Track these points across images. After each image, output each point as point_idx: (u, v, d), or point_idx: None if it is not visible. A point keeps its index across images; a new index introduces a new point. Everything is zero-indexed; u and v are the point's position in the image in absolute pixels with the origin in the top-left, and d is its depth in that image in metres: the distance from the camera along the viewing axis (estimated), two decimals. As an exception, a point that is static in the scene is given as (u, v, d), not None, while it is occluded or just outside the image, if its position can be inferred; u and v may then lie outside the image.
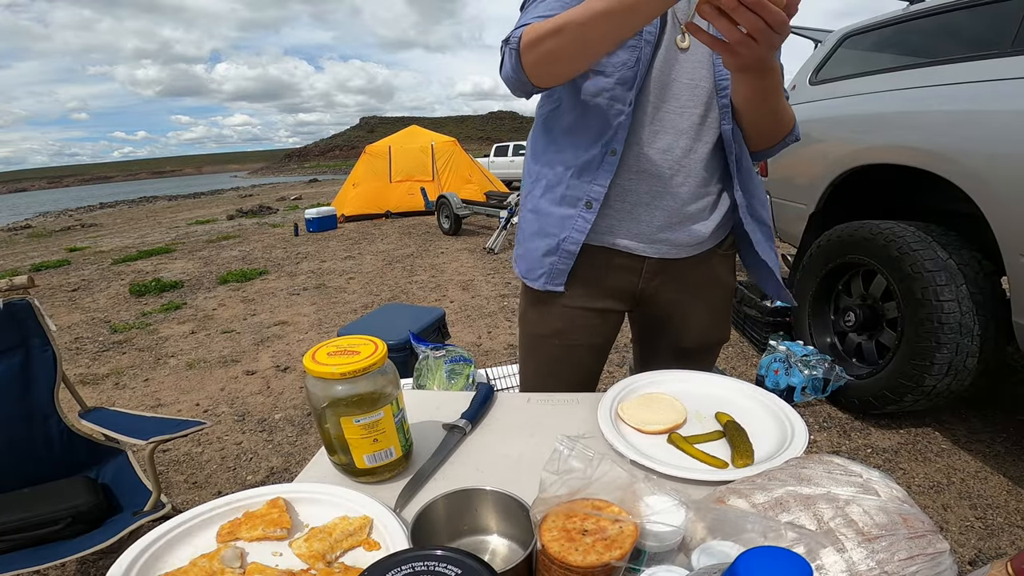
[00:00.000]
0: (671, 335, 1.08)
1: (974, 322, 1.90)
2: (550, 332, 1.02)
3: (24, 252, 8.81)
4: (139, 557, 0.57)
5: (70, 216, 18.35)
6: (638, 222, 0.95)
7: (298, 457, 2.33)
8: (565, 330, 1.02)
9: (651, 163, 0.92)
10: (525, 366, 1.13)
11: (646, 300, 1.04)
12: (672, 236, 0.96)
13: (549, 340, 1.03)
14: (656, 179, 0.93)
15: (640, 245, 0.96)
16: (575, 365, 1.07)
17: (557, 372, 1.06)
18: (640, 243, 0.96)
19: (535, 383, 1.10)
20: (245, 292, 5.01)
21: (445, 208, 7.35)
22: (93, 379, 3.25)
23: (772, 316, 2.96)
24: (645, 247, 0.97)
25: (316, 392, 0.68)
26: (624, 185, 0.94)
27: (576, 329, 1.03)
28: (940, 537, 0.51)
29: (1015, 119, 1.72)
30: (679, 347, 1.09)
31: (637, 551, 0.51)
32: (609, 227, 0.96)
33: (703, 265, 1.03)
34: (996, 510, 1.78)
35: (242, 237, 8.35)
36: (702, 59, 0.90)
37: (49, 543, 1.37)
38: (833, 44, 2.95)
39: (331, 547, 0.59)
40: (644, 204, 0.94)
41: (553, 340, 1.03)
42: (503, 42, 0.88)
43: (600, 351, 1.10)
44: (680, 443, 0.77)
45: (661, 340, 1.11)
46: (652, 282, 1.01)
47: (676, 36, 0.89)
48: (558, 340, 1.03)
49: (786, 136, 0.95)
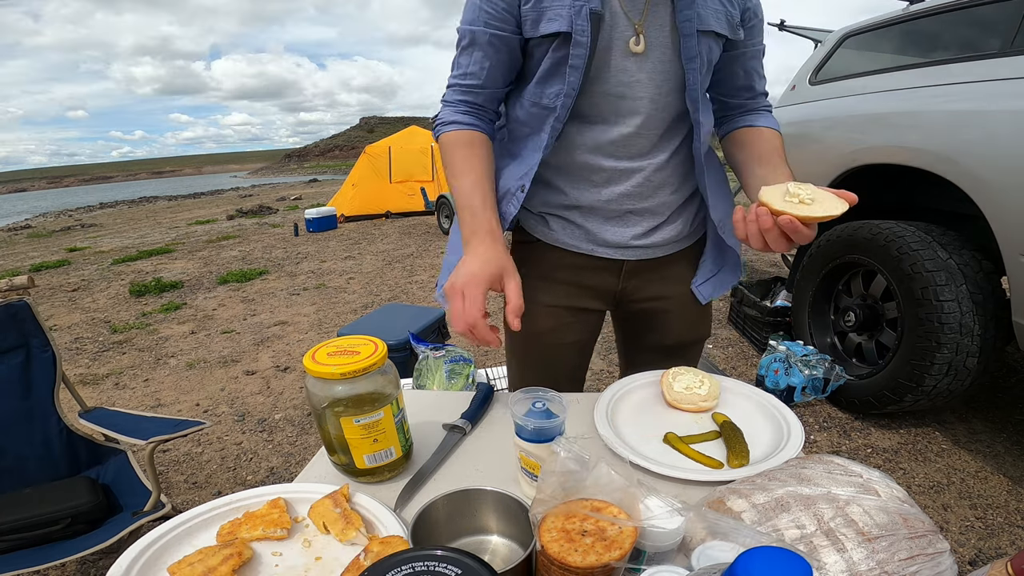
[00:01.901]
0: (653, 333, 1.10)
1: (974, 322, 1.90)
2: (536, 331, 1.03)
3: (24, 252, 8.81)
4: (139, 557, 0.57)
5: (70, 216, 18.35)
6: (613, 233, 0.96)
7: (298, 457, 2.33)
8: (550, 329, 1.04)
9: (613, 178, 0.92)
10: (512, 365, 1.15)
11: (626, 299, 1.06)
12: (647, 241, 0.97)
13: (535, 339, 1.05)
14: (625, 197, 0.93)
15: (618, 251, 0.98)
16: (560, 362, 1.09)
17: (543, 369, 1.08)
18: (617, 249, 0.98)
19: (521, 381, 1.12)
20: (245, 292, 5.01)
21: (445, 208, 7.35)
22: (93, 379, 3.25)
23: (772, 316, 2.96)
24: (623, 251, 0.98)
25: (316, 392, 0.68)
26: (590, 204, 0.94)
27: (560, 328, 1.04)
28: (940, 537, 0.51)
29: (1015, 119, 1.72)
30: (662, 344, 1.10)
31: (637, 551, 0.51)
32: (587, 237, 0.97)
33: (681, 262, 1.04)
34: (996, 510, 1.78)
35: (242, 237, 8.35)
36: (665, 67, 0.84)
37: (49, 543, 1.37)
38: (833, 44, 2.95)
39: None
40: (617, 218, 0.95)
41: (539, 339, 1.05)
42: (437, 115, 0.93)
43: (584, 348, 1.12)
44: (676, 443, 0.77)
45: (644, 338, 1.12)
46: (631, 281, 1.02)
47: (628, 38, 0.81)
48: (543, 339, 1.05)
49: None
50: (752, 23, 0.89)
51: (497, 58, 0.86)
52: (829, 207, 0.68)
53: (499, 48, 0.85)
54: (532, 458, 0.66)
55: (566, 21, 0.78)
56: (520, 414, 0.65)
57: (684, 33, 0.81)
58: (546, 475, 0.53)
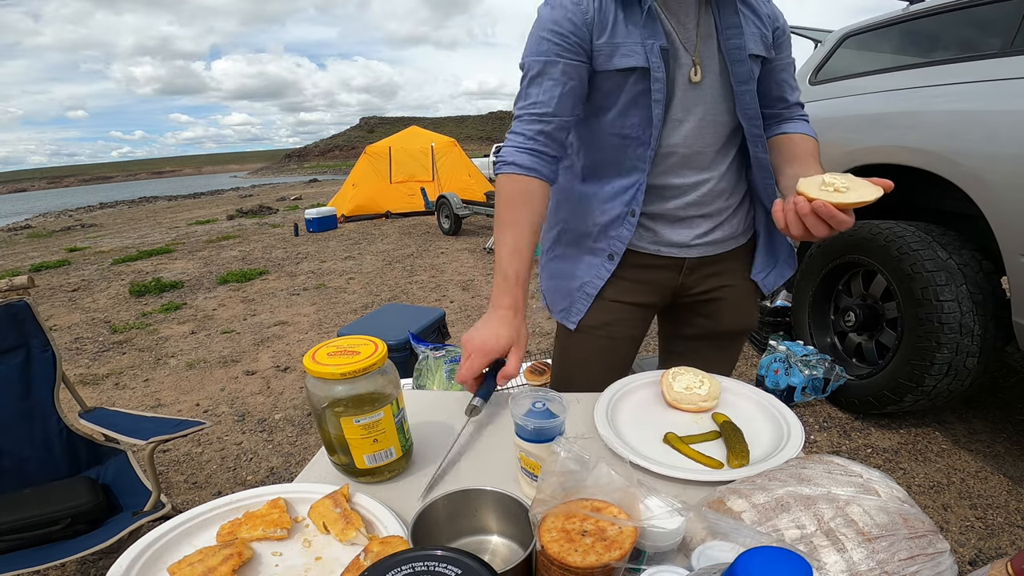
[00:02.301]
0: (706, 320, 1.16)
1: (974, 322, 1.90)
2: (598, 324, 1.10)
3: (24, 252, 8.81)
4: (139, 557, 0.57)
5: (70, 216, 18.35)
6: (678, 234, 1.04)
7: (298, 457, 2.33)
8: (611, 322, 1.10)
9: (682, 192, 1.00)
10: (567, 358, 1.19)
11: (684, 292, 1.12)
12: (709, 239, 1.05)
13: (596, 332, 1.11)
14: (691, 206, 1.01)
15: (681, 250, 1.05)
16: (616, 354, 1.14)
17: (600, 361, 1.14)
18: (681, 248, 1.05)
19: (577, 373, 1.16)
20: (245, 292, 5.01)
21: (445, 208, 7.35)
22: (93, 379, 3.25)
23: (772, 316, 2.96)
24: (686, 251, 1.05)
25: (316, 392, 0.68)
26: (659, 212, 1.02)
27: (619, 322, 1.11)
28: (940, 537, 0.51)
29: (1015, 119, 1.72)
30: (714, 331, 1.16)
31: (637, 551, 0.51)
32: (653, 239, 1.05)
33: (736, 257, 1.11)
34: (996, 510, 1.78)
35: (242, 237, 8.35)
36: (716, 91, 0.94)
37: (49, 543, 1.37)
38: (833, 44, 2.95)
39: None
40: (681, 221, 1.03)
41: (599, 332, 1.10)
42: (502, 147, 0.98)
43: (637, 342, 1.18)
44: (676, 443, 0.77)
45: (694, 325, 1.18)
46: (691, 276, 1.09)
47: (689, 71, 0.92)
48: (603, 332, 1.11)
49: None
50: (781, 40, 0.99)
51: (569, 86, 0.91)
52: (863, 193, 0.72)
53: (571, 76, 0.90)
54: (532, 458, 0.66)
55: (641, 58, 0.88)
56: (520, 414, 0.65)
57: (734, 60, 0.91)
58: (546, 475, 0.53)
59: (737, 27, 0.90)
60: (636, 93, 0.91)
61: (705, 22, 0.91)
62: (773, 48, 0.97)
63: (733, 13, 0.91)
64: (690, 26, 0.91)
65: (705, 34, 0.91)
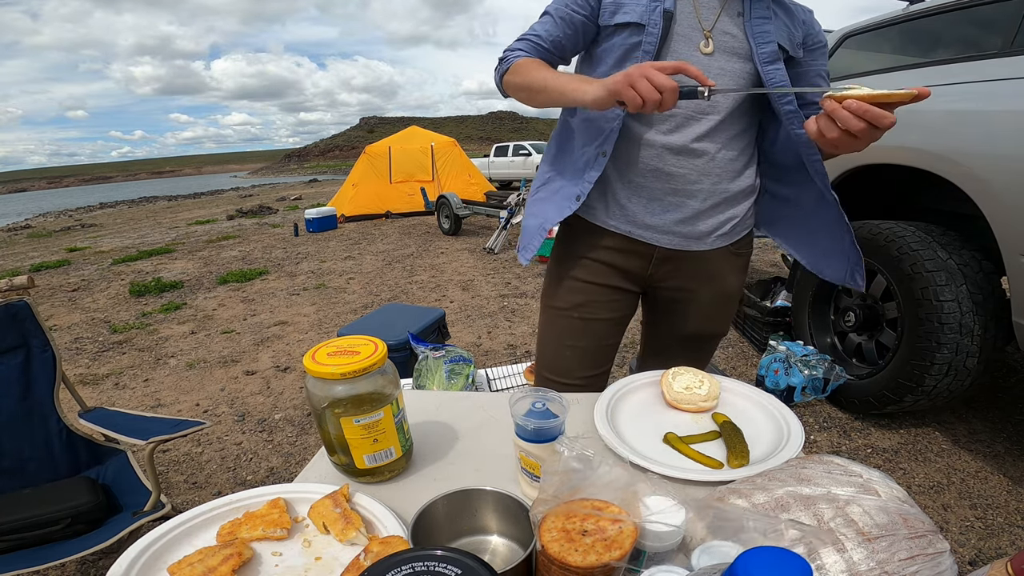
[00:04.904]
0: (674, 321, 1.17)
1: (974, 322, 1.90)
2: (570, 305, 1.13)
3: (24, 252, 8.81)
4: (139, 557, 0.57)
5: (70, 216, 18.34)
6: (653, 215, 1.04)
7: (298, 457, 2.33)
8: (583, 303, 1.12)
9: (666, 163, 1.00)
10: (545, 337, 1.21)
11: (655, 285, 1.14)
12: (684, 230, 1.05)
13: (569, 312, 1.13)
14: (672, 178, 1.01)
15: (654, 235, 1.06)
16: (591, 336, 1.15)
17: (575, 343, 1.15)
18: (654, 233, 1.06)
19: (553, 353, 1.18)
20: (245, 292, 5.01)
21: (445, 208, 7.35)
22: (93, 379, 3.25)
23: (772, 316, 2.96)
24: (658, 237, 1.06)
25: (316, 392, 0.68)
26: (639, 182, 1.03)
27: (592, 303, 1.13)
28: (940, 537, 0.51)
29: (1015, 119, 1.72)
30: (681, 334, 1.18)
31: (637, 551, 0.51)
32: (625, 218, 1.06)
33: (711, 261, 1.10)
34: (996, 510, 1.78)
35: (242, 237, 8.35)
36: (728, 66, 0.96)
37: (49, 543, 1.37)
38: (833, 44, 2.95)
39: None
40: (658, 200, 1.03)
41: (572, 313, 1.13)
42: (505, 50, 1.05)
43: (615, 325, 1.17)
44: (676, 443, 0.77)
45: (665, 325, 1.20)
46: (661, 268, 1.10)
47: (699, 42, 0.95)
48: (576, 313, 1.13)
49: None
50: (815, 46, 1.02)
51: (563, 31, 1.01)
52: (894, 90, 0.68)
53: (568, 24, 1.01)
54: (532, 458, 0.66)
55: (639, 15, 0.94)
56: (520, 414, 0.65)
57: (760, 41, 0.95)
58: (548, 475, 0.53)
59: (765, 17, 0.96)
60: (630, 45, 0.96)
61: (732, 6, 0.96)
62: (802, 49, 1.00)
63: (765, 8, 0.96)
64: (712, 5, 0.96)
65: (728, 15, 0.96)
